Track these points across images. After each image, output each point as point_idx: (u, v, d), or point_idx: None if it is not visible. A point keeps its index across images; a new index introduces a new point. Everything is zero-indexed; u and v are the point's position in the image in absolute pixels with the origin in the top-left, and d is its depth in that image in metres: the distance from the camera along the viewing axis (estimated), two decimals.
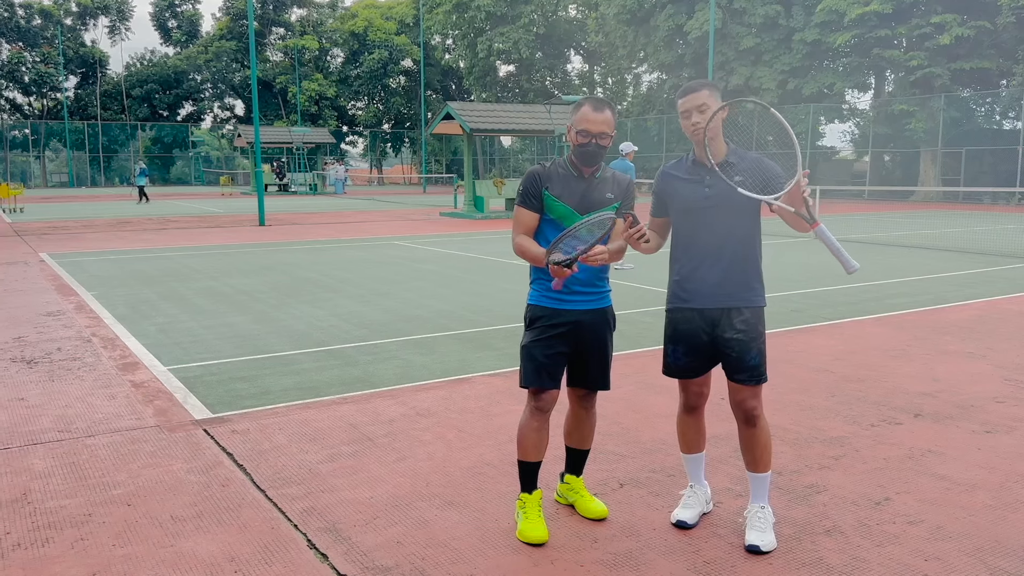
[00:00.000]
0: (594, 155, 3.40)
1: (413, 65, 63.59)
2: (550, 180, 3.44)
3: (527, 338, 3.49)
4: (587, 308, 3.46)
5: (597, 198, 3.43)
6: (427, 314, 8.56)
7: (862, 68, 36.10)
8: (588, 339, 3.48)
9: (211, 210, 28.89)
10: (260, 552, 3.35)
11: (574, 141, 3.41)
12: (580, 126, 3.37)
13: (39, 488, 4.01)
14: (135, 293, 10.10)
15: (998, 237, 17.24)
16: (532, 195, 3.45)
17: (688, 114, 3.32)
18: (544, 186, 3.43)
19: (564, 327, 3.43)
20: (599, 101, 3.41)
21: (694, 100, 3.30)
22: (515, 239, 3.49)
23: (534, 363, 3.43)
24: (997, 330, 7.64)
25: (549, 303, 3.45)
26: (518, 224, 3.50)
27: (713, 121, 3.29)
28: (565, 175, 3.46)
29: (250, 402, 5.43)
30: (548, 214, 3.45)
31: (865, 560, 3.24)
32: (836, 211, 27.06)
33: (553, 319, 3.44)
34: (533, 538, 3.40)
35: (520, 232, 3.48)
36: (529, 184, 3.46)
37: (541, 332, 3.45)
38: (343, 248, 15.82)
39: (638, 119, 47.33)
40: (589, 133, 3.36)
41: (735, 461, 4.21)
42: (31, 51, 59.70)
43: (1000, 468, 4.20)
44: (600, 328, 3.51)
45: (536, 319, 3.47)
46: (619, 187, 3.50)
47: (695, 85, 3.35)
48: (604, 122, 3.37)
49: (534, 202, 3.45)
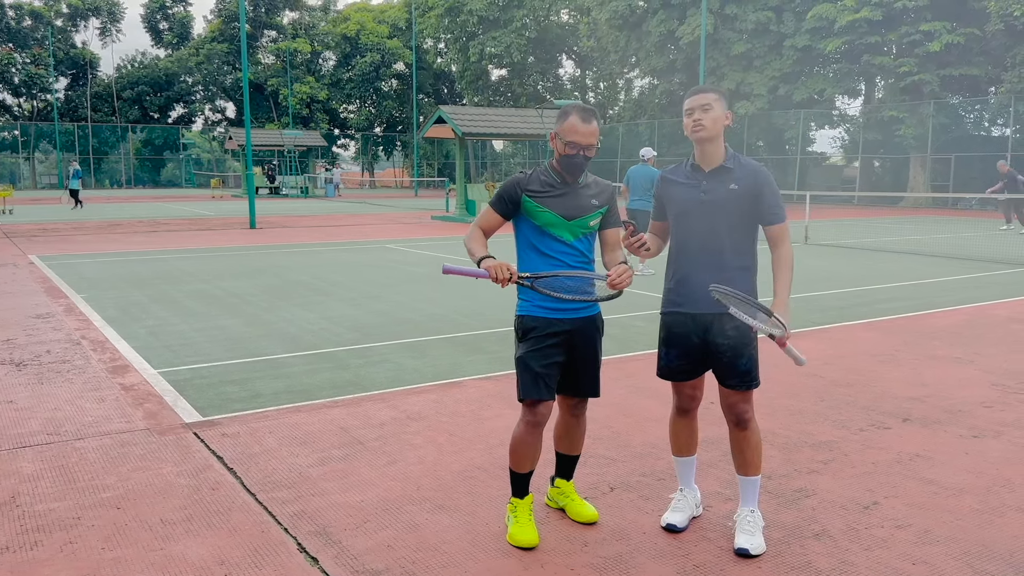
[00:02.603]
0: (581, 166, 3.39)
1: (405, 69, 63.58)
2: (532, 187, 3.42)
3: (522, 349, 3.45)
4: (579, 316, 3.45)
5: (583, 204, 3.42)
6: (418, 317, 8.56)
7: (852, 74, 36.32)
8: (581, 347, 3.47)
9: (202, 213, 28.80)
10: (250, 555, 3.34)
11: (561, 151, 3.38)
12: (569, 137, 3.35)
13: (28, 491, 3.99)
14: (125, 296, 10.07)
15: (986, 243, 17.35)
16: (507, 199, 3.44)
17: (691, 111, 3.35)
18: (524, 193, 3.40)
19: (558, 336, 3.41)
20: (586, 111, 3.38)
21: (700, 99, 3.34)
22: (470, 232, 3.48)
23: (532, 374, 3.39)
24: (985, 335, 7.69)
25: (542, 313, 3.42)
26: (481, 219, 3.49)
27: (717, 123, 3.31)
28: (548, 181, 3.43)
29: (240, 405, 5.42)
30: (533, 221, 3.42)
31: (853, 564, 3.26)
32: (826, 216, 27.18)
33: (547, 329, 3.41)
34: (523, 542, 3.40)
35: (479, 225, 3.48)
36: (508, 189, 3.44)
37: (536, 343, 3.41)
38: (334, 251, 15.80)
39: (629, 124, 47.42)
40: (578, 145, 3.34)
41: (725, 465, 4.22)
42: (21, 52, 59.42)
43: (987, 473, 4.23)
44: (592, 335, 3.51)
45: (530, 330, 3.43)
46: (603, 193, 3.50)
47: (705, 88, 3.40)
48: (592, 133, 3.35)
49: (506, 206, 3.44)
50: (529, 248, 3.46)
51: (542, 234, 3.41)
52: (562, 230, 3.40)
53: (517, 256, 3.54)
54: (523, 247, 3.50)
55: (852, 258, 14.40)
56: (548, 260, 3.41)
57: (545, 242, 3.42)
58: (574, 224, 3.41)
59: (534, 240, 3.44)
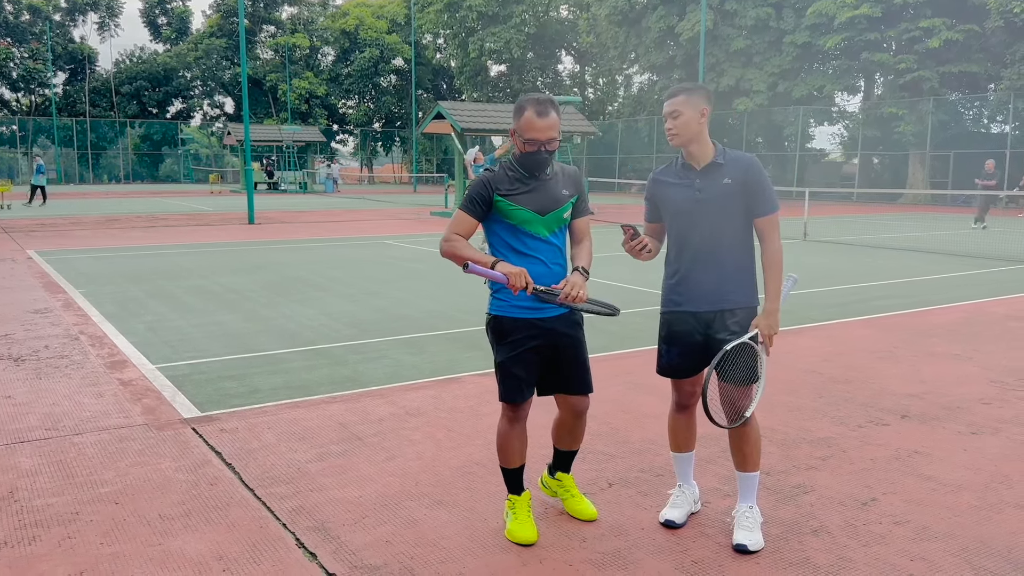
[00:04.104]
0: (545, 162, 3.30)
1: (404, 64, 63.47)
2: (501, 185, 3.31)
3: (502, 355, 3.37)
4: (557, 314, 3.37)
5: (555, 196, 3.35)
6: (417, 313, 8.55)
7: (852, 71, 36.29)
8: (564, 345, 3.41)
9: (200, 208, 28.77)
10: (248, 551, 3.34)
11: (521, 149, 3.28)
12: (527, 135, 3.23)
13: (26, 486, 3.99)
14: (123, 291, 10.06)
15: (985, 240, 17.35)
16: (479, 201, 3.30)
17: (665, 118, 3.37)
18: (495, 192, 3.30)
19: (538, 339, 3.35)
20: (542, 103, 3.25)
21: (669, 107, 3.36)
22: (448, 239, 3.27)
23: (515, 380, 3.35)
24: (983, 332, 7.70)
25: (519, 313, 3.34)
26: (456, 226, 3.30)
27: (689, 126, 3.31)
28: (516, 177, 3.34)
29: (239, 401, 5.42)
30: (507, 220, 3.32)
31: (851, 560, 3.26)
32: (824, 213, 27.18)
33: (526, 331, 3.34)
34: (522, 538, 3.39)
35: (456, 233, 3.28)
36: (479, 190, 3.31)
37: (515, 347, 3.34)
38: (333, 247, 15.79)
39: (628, 120, 47.40)
40: (537, 141, 3.24)
41: (723, 461, 4.23)
42: (19, 47, 59.28)
43: (985, 469, 4.23)
44: (574, 331, 3.45)
45: (507, 332, 3.36)
46: (572, 183, 3.43)
47: (675, 91, 3.38)
48: (550, 127, 3.23)
49: (480, 209, 3.30)
50: (505, 248, 3.36)
51: (517, 232, 3.32)
52: (538, 226, 3.33)
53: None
54: (498, 248, 3.38)
55: (851, 255, 14.40)
56: (526, 259, 3.31)
57: (521, 240, 3.33)
58: (549, 218, 3.34)
59: (509, 239, 3.35)
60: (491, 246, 3.43)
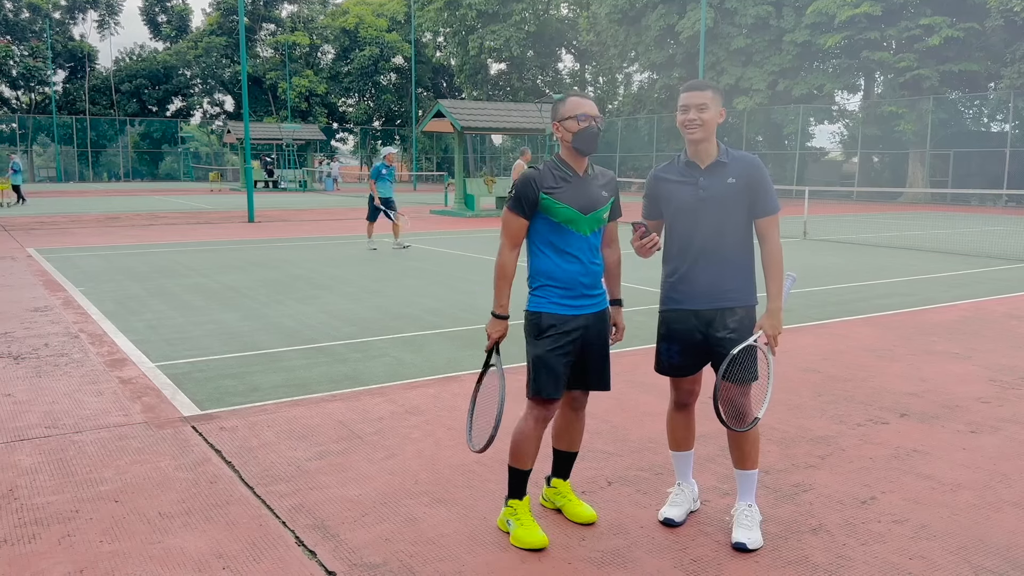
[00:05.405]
0: (596, 136, 3.35)
1: (404, 62, 63.45)
2: (547, 183, 3.35)
3: (542, 348, 3.38)
4: (594, 312, 3.44)
5: (595, 196, 3.40)
6: (417, 312, 8.56)
7: (852, 69, 36.28)
8: (594, 342, 3.46)
9: (200, 206, 28.76)
10: (248, 549, 3.34)
11: (574, 128, 3.33)
12: (578, 111, 3.33)
13: (26, 484, 4.00)
14: (123, 289, 10.06)
15: (985, 239, 17.36)
16: (527, 201, 3.33)
17: (687, 109, 3.34)
18: (540, 189, 3.33)
19: (575, 333, 3.39)
20: (578, 92, 3.43)
21: (697, 98, 3.32)
22: (503, 253, 3.38)
23: (553, 374, 3.36)
24: (983, 331, 7.70)
25: (560, 310, 3.38)
26: (509, 234, 3.39)
27: (713, 121, 3.33)
28: (560, 176, 3.38)
29: (239, 399, 5.42)
30: (552, 218, 3.35)
31: (850, 559, 3.26)
32: (824, 212, 27.18)
33: (564, 326, 3.37)
34: (532, 543, 3.33)
35: (511, 246, 3.38)
36: (526, 189, 3.33)
37: (556, 340, 3.36)
38: (333, 245, 15.79)
39: (628, 118, 47.38)
40: (589, 116, 3.33)
41: (722, 460, 4.23)
42: (19, 45, 59.25)
43: (984, 468, 4.24)
44: (604, 329, 3.50)
45: (547, 327, 3.38)
46: (609, 183, 3.50)
47: (702, 84, 3.38)
48: (594, 107, 3.38)
49: (528, 209, 3.36)
50: (547, 246, 3.39)
51: (561, 230, 3.36)
52: (581, 225, 3.36)
53: (530, 255, 3.46)
54: (540, 245, 3.41)
55: (850, 253, 14.40)
56: (567, 257, 3.37)
57: (564, 238, 3.36)
58: (591, 218, 3.38)
59: (552, 237, 3.37)
60: (530, 244, 3.46)
